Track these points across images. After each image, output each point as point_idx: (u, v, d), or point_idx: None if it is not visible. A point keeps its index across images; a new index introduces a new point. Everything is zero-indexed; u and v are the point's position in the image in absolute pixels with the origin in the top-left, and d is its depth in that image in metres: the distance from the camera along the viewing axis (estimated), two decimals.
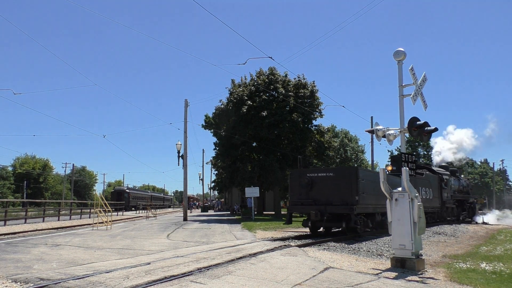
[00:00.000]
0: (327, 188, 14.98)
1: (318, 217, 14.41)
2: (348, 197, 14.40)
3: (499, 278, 8.05)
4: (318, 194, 15.11)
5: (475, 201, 33.60)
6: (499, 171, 78.45)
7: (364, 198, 14.94)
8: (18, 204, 50.84)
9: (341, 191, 14.62)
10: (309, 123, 31.61)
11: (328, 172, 15.67)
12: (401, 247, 8.68)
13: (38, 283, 6.14)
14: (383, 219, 16.91)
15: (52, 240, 13.79)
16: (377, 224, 17.13)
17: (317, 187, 15.22)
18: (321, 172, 15.67)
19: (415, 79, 9.55)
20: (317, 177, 15.36)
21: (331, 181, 15.02)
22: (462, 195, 29.86)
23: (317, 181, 15.29)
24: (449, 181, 27.06)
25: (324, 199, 14.85)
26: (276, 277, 6.91)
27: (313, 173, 15.76)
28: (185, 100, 28.61)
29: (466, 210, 30.38)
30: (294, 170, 17.79)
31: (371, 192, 15.59)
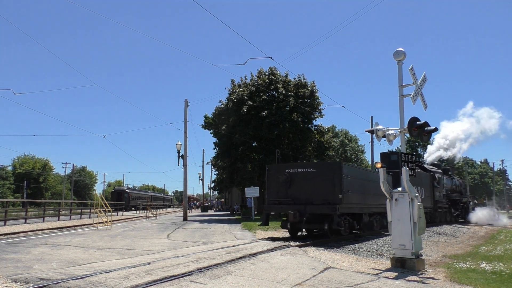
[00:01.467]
0: (308, 185, 13.51)
1: (297, 218, 12.94)
2: (330, 196, 13.00)
3: (499, 278, 8.05)
4: (297, 192, 13.64)
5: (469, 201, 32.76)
6: (499, 171, 78.42)
7: (349, 197, 13.57)
8: (18, 204, 50.84)
9: (323, 189, 13.18)
10: (309, 123, 31.62)
11: (309, 167, 14.02)
12: (401, 247, 8.68)
13: (38, 283, 6.14)
14: (371, 220, 16.33)
15: (52, 240, 13.79)
16: (364, 226, 16.01)
17: (297, 184, 13.73)
18: (301, 168, 14.01)
19: (415, 79, 9.56)
20: (297, 173, 13.82)
21: (312, 178, 13.52)
22: (455, 195, 29.05)
23: (296, 178, 13.80)
24: (441, 179, 26.15)
25: (305, 197, 13.41)
26: (276, 277, 6.91)
27: (293, 168, 14.06)
28: (185, 100, 28.62)
29: (459, 210, 29.63)
30: (271, 165, 15.68)
31: (357, 190, 14.36)
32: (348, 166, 14.56)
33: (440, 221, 24.79)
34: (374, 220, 16.65)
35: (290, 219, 13.14)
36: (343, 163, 13.59)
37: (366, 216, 15.71)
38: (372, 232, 16.22)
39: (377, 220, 17.04)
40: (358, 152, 56.53)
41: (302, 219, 12.98)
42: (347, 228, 14.10)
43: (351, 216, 14.47)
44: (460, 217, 29.72)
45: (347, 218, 13.99)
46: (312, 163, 17.56)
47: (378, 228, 17.01)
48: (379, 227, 17.13)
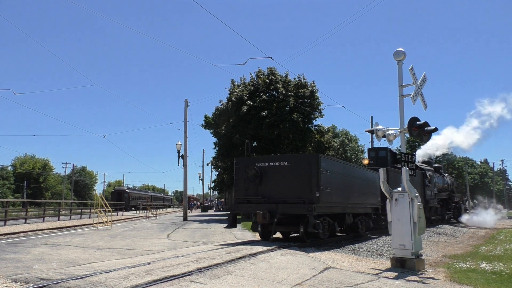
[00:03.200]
0: (281, 181, 11.96)
1: (267, 219, 11.36)
2: (305, 193, 11.42)
3: (499, 278, 8.05)
4: (269, 189, 12.05)
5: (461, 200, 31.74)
6: (499, 171, 78.46)
7: (329, 195, 12.00)
8: (18, 204, 50.84)
9: (298, 185, 11.62)
10: (309, 123, 31.63)
11: (282, 160, 12.24)
12: (401, 247, 8.69)
13: (38, 283, 6.15)
14: (355, 222, 14.85)
15: (52, 240, 13.79)
16: (348, 228, 14.80)
17: (268, 180, 12.14)
18: (273, 161, 12.31)
19: (415, 79, 9.57)
20: (269, 167, 12.21)
21: (286, 172, 11.93)
22: (447, 194, 27.98)
23: (268, 173, 12.19)
24: (433, 178, 24.80)
25: (277, 195, 11.85)
26: (276, 277, 6.91)
27: (264, 162, 12.40)
28: (185, 100, 28.65)
29: (451, 210, 28.68)
30: (240, 159, 13.73)
31: (339, 188, 12.84)
32: (328, 159, 12.75)
33: (431, 222, 23.42)
34: (359, 221, 15.17)
35: (258, 220, 11.49)
36: (321, 155, 11.86)
37: (349, 217, 14.14)
38: (357, 235, 15.12)
39: (363, 221, 15.66)
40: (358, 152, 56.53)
41: (273, 220, 11.44)
42: (327, 231, 12.53)
43: (332, 217, 13.00)
44: (452, 217, 28.88)
45: (326, 219, 12.45)
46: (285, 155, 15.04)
47: (363, 231, 15.64)
48: (364, 229, 15.78)
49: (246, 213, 13.40)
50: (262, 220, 11.37)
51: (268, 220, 11.39)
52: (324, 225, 12.23)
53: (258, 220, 11.52)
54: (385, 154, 20.46)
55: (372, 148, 22.31)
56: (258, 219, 11.44)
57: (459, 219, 29.22)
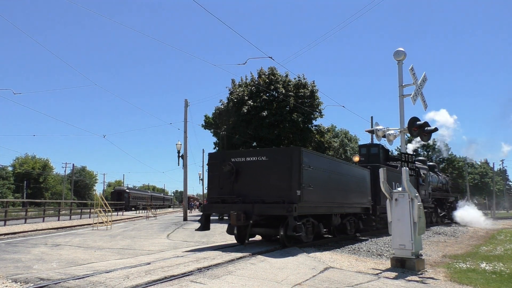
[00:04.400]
0: (258, 178, 10.84)
1: (242, 220, 10.21)
2: (285, 192, 10.33)
3: (499, 278, 8.05)
4: (245, 188, 10.92)
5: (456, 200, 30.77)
6: (499, 171, 78.46)
7: (312, 193, 10.92)
8: (18, 204, 50.82)
9: (277, 183, 10.53)
10: (309, 123, 31.63)
11: (260, 155, 11.04)
12: (401, 247, 8.69)
13: (38, 283, 6.15)
14: (343, 223, 14.00)
15: (52, 240, 13.79)
16: (335, 229, 13.91)
17: (245, 177, 11.02)
18: (250, 156, 11.15)
19: (415, 79, 9.56)
20: (245, 162, 11.07)
21: (264, 169, 10.79)
22: (441, 193, 27.14)
23: (244, 169, 11.05)
24: (427, 176, 23.88)
25: (254, 194, 10.74)
26: (276, 277, 6.91)
27: (240, 157, 11.27)
28: (185, 100, 28.65)
29: (446, 210, 27.96)
30: (214, 153, 12.55)
31: (324, 186, 11.85)
32: (311, 154, 11.59)
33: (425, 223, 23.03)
34: (347, 222, 14.34)
35: (232, 222, 10.43)
36: (304, 149, 10.83)
37: (336, 218, 13.22)
38: (346, 237, 14.30)
39: (352, 222, 14.84)
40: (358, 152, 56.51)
41: (248, 222, 10.34)
42: (310, 233, 11.56)
43: (317, 218, 12.02)
44: (447, 217, 28.14)
45: (310, 220, 11.52)
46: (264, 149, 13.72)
47: (352, 232, 14.82)
48: (353, 231, 14.99)
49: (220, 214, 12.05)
50: (236, 222, 10.26)
51: (243, 222, 10.25)
52: (307, 227, 11.28)
53: (232, 222, 10.44)
54: (377, 151, 19.60)
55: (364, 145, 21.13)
56: (232, 220, 10.34)
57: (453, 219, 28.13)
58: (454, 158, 69.19)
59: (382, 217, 16.82)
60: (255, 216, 10.43)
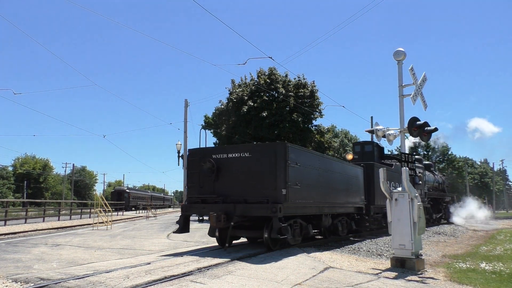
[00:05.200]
0: (241, 176, 10.11)
1: (223, 222, 9.48)
2: (270, 191, 9.59)
3: (499, 278, 8.06)
4: (227, 186, 10.21)
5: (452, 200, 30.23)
6: (499, 171, 78.49)
7: (299, 193, 10.28)
8: (18, 204, 50.84)
9: (261, 181, 9.79)
10: (309, 123, 31.65)
11: (243, 151, 10.32)
12: (401, 247, 8.70)
13: (38, 283, 6.16)
14: (334, 223, 13.30)
15: (52, 240, 13.80)
16: (326, 230, 13.24)
17: (227, 174, 10.30)
18: (232, 152, 10.43)
19: (415, 79, 9.57)
20: (227, 159, 10.36)
21: (247, 166, 10.07)
22: (438, 193, 26.50)
23: (226, 166, 10.32)
24: (423, 175, 23.31)
25: (237, 193, 10.03)
26: (276, 277, 6.92)
27: (221, 153, 10.56)
28: (185, 100, 28.68)
29: (442, 210, 27.35)
30: (194, 149, 11.50)
31: (313, 184, 11.18)
32: (299, 150, 10.83)
33: None
34: (339, 223, 13.68)
35: (211, 224, 9.72)
36: (290, 144, 10.09)
37: (327, 218, 12.49)
38: (337, 238, 13.58)
39: (344, 222, 14.16)
40: None
41: (229, 224, 9.53)
42: (298, 235, 10.90)
43: (306, 219, 11.46)
44: (443, 218, 27.66)
45: (298, 221, 10.85)
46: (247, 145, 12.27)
47: (344, 233, 14.20)
48: (346, 232, 14.30)
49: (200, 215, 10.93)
50: (215, 224, 9.54)
51: (223, 223, 9.48)
52: (295, 228, 10.60)
53: (211, 224, 9.76)
54: (371, 149, 18.87)
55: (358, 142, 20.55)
56: (211, 222, 9.61)
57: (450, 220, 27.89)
58: (454, 158, 69.22)
59: (376, 217, 16.35)
60: (236, 217, 9.58)
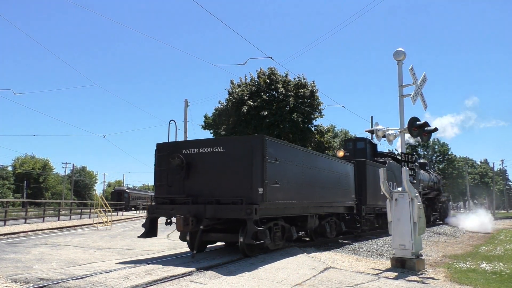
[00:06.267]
0: (214, 173, 9.10)
1: (191, 225, 8.43)
2: (245, 190, 8.56)
3: (499, 278, 8.06)
4: (198, 185, 9.18)
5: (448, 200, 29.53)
6: (499, 171, 78.49)
7: (280, 192, 9.24)
8: (18, 204, 50.85)
9: (236, 179, 8.78)
10: (309, 123, 31.67)
11: (216, 145, 9.25)
12: (401, 247, 8.69)
13: (38, 283, 6.15)
14: (322, 224, 12.37)
15: (52, 240, 13.79)
16: (313, 233, 12.45)
17: (198, 172, 9.24)
18: (204, 147, 9.33)
19: (415, 79, 9.57)
20: (198, 155, 9.31)
21: (220, 162, 9.04)
22: (433, 193, 25.86)
23: (197, 162, 9.28)
24: (417, 174, 22.43)
25: (208, 193, 8.99)
26: (276, 277, 6.91)
27: (192, 148, 9.45)
28: (185, 100, 28.67)
29: (438, 211, 26.78)
30: (162, 144, 10.19)
31: (295, 182, 10.12)
32: (279, 144, 9.73)
33: None
34: (326, 224, 12.70)
35: (178, 227, 8.54)
36: (269, 138, 9.07)
37: (313, 219, 11.50)
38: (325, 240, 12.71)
39: (332, 224, 13.16)
40: None
41: (199, 227, 8.50)
42: (279, 239, 9.80)
43: (289, 220, 10.46)
44: (439, 218, 27.11)
45: (279, 223, 9.80)
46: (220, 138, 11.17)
47: (333, 235, 13.21)
48: (335, 233, 13.35)
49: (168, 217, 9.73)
50: (182, 228, 8.44)
51: (191, 227, 8.45)
52: (275, 231, 9.56)
53: (178, 228, 8.54)
54: (363, 146, 18.08)
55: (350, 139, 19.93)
56: (178, 226, 8.45)
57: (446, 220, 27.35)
58: (454, 158, 69.25)
59: (368, 218, 15.55)
60: (207, 220, 8.56)
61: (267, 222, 9.14)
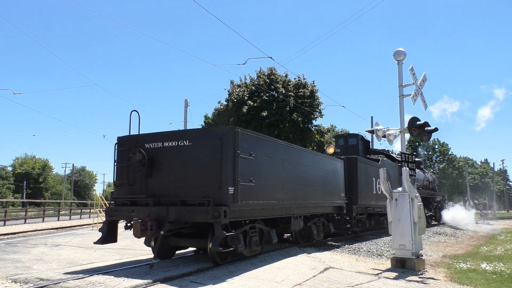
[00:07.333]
0: (179, 170, 8.01)
1: (149, 230, 7.39)
2: (213, 189, 7.53)
3: (500, 278, 8.05)
4: (162, 184, 8.11)
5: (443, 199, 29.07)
6: (500, 171, 78.52)
7: (255, 191, 8.22)
8: (18, 204, 50.85)
9: (203, 177, 7.73)
10: (309, 123, 31.68)
11: (182, 138, 8.16)
12: (401, 247, 8.68)
13: (38, 283, 6.15)
14: (308, 226, 11.50)
15: (52, 240, 13.78)
16: (298, 235, 11.54)
17: (162, 169, 8.20)
18: (169, 140, 8.26)
19: (415, 79, 9.57)
20: (162, 149, 8.26)
21: (187, 157, 7.99)
22: (428, 192, 25.00)
23: (161, 158, 8.24)
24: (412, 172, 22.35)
25: (173, 193, 7.94)
26: (276, 277, 6.90)
27: (155, 142, 8.39)
28: (185, 100, 28.67)
29: (433, 210, 26.07)
30: (123, 137, 8.99)
31: (275, 180, 9.07)
32: (254, 137, 8.58)
33: None
34: (313, 225, 11.84)
35: (135, 233, 7.37)
36: (241, 130, 8.06)
37: (297, 221, 10.54)
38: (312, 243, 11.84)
39: (320, 225, 12.27)
40: None
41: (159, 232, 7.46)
42: (256, 244, 8.75)
43: (270, 223, 9.60)
44: (434, 218, 26.40)
45: (256, 226, 8.79)
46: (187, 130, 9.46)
47: (321, 237, 12.34)
48: (322, 235, 12.44)
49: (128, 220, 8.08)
50: (139, 234, 7.33)
51: (150, 232, 7.43)
52: (251, 236, 8.54)
53: (135, 233, 7.37)
54: (355, 142, 17.14)
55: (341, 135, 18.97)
56: (134, 231, 7.34)
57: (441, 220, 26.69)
58: (454, 158, 69.29)
59: (359, 218, 14.58)
60: (169, 224, 7.55)
61: (243, 225, 8.25)
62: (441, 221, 26.51)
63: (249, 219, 8.45)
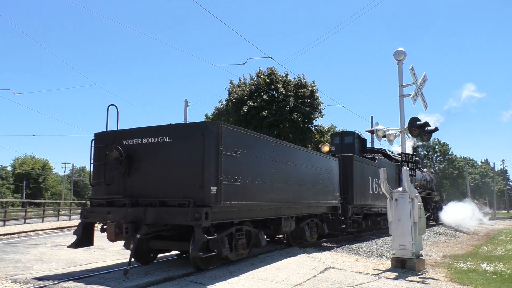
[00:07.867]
0: (159, 169, 7.54)
1: (124, 234, 6.87)
2: (194, 189, 7.04)
3: (500, 279, 8.04)
4: (140, 183, 7.63)
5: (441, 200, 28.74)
6: (500, 171, 78.54)
7: (241, 191, 7.75)
8: (18, 204, 50.82)
9: (183, 176, 7.25)
10: (309, 123, 31.68)
11: (161, 134, 7.66)
12: (401, 247, 8.68)
13: (38, 284, 6.14)
14: (300, 227, 11.04)
15: (51, 240, 13.77)
16: (290, 237, 11.07)
17: (141, 167, 7.70)
18: (148, 136, 7.77)
19: (415, 79, 9.56)
20: (141, 146, 7.78)
21: (167, 154, 7.54)
22: (425, 192, 24.68)
23: (140, 155, 7.77)
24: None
25: (152, 193, 7.45)
26: (276, 277, 6.90)
27: (133, 138, 7.91)
28: (185, 100, 28.70)
29: (431, 210, 25.63)
30: (100, 133, 8.43)
31: (263, 178, 8.57)
32: (239, 133, 8.09)
33: None
34: (306, 226, 11.35)
35: (109, 236, 6.83)
36: (225, 125, 7.64)
37: (288, 222, 10.06)
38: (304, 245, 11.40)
39: (313, 226, 11.81)
40: None
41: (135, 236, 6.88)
42: (243, 247, 8.26)
43: (259, 224, 9.30)
44: (432, 219, 25.99)
45: (243, 228, 8.32)
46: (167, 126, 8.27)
47: (314, 238, 11.96)
48: (316, 236, 12.05)
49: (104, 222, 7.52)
50: (114, 237, 6.76)
51: (125, 235, 6.90)
52: (238, 238, 8.07)
53: (108, 237, 6.82)
54: (351, 140, 16.68)
55: (337, 133, 18.66)
56: (108, 234, 6.81)
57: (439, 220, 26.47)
58: (454, 158, 69.29)
59: (355, 219, 14.23)
60: (147, 227, 6.98)
61: (228, 227, 7.82)
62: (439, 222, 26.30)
63: (235, 221, 8.05)
